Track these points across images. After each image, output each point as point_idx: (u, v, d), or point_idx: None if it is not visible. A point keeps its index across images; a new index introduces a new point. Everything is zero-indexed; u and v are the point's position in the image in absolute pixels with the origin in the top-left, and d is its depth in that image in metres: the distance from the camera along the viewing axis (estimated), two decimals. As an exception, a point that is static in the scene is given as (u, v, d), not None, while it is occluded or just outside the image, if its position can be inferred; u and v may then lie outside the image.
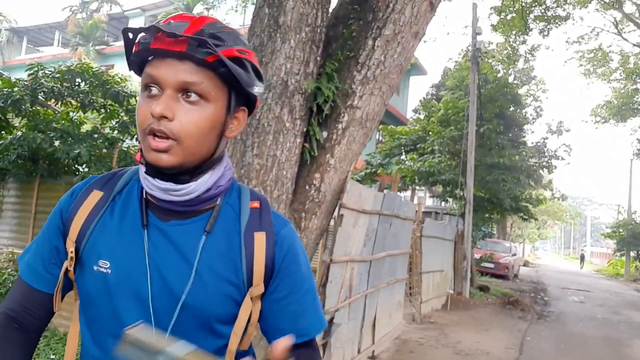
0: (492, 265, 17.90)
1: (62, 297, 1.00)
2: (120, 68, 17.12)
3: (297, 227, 3.25)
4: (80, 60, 16.20)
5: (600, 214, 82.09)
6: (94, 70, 6.47)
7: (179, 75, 0.86)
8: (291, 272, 1.00)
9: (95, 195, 0.98)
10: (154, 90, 0.87)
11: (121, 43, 23.03)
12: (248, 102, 0.98)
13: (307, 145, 3.25)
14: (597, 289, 18.77)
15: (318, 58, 3.25)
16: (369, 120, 3.39)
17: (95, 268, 0.93)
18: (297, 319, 1.00)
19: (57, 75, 6.22)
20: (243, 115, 0.98)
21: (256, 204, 1.01)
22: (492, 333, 8.02)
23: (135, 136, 6.05)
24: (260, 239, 0.97)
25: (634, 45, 19.42)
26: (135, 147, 6.29)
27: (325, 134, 3.30)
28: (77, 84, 6.41)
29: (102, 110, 6.49)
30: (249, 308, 0.95)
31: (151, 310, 0.90)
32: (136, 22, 23.63)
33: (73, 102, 6.40)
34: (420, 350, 6.36)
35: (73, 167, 6.27)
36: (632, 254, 29.15)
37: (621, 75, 21.61)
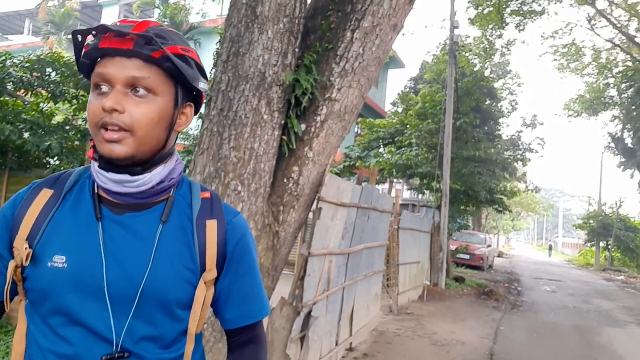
0: (467, 257, 18.22)
1: (11, 300, 1.00)
2: (94, 58, 16.64)
3: (276, 221, 3.22)
4: (52, 49, 15.76)
5: (572, 205, 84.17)
6: (65, 59, 6.29)
7: (127, 71, 0.91)
8: (243, 258, 1.07)
9: (46, 193, 1.00)
10: (104, 88, 0.93)
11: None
12: (194, 99, 1.05)
13: (285, 138, 3.22)
14: (568, 279, 19.26)
15: (296, 49, 3.21)
16: (347, 113, 3.37)
17: (49, 264, 0.94)
18: (248, 302, 1.08)
19: (27, 64, 6.03)
20: (190, 111, 1.05)
21: (207, 194, 1.07)
22: (467, 323, 8.15)
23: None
24: (211, 226, 1.03)
25: (606, 40, 19.88)
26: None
27: (303, 126, 3.27)
28: (47, 73, 6.23)
29: (74, 101, 6.31)
30: (204, 291, 1.00)
31: (107, 300, 0.93)
32: (110, 11, 23.03)
33: (43, 92, 6.21)
34: (397, 341, 6.43)
35: (44, 160, 6.10)
36: (601, 244, 30.05)
37: (593, 70, 22.15)
